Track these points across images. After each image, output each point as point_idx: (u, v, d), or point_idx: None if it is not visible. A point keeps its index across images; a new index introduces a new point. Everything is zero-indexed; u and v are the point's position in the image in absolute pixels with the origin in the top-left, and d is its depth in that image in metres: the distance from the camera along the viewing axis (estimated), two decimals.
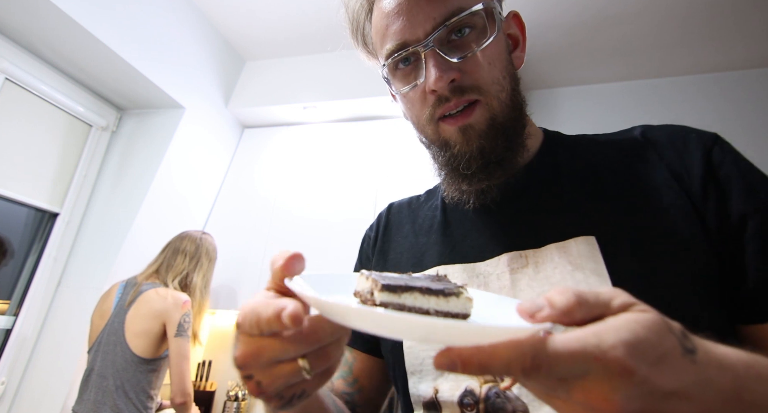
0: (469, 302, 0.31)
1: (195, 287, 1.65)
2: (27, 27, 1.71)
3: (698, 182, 0.44)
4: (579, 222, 0.46)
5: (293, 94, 2.43)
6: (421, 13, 0.46)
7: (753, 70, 2.27)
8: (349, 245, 2.10)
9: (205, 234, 1.78)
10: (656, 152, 0.48)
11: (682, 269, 0.41)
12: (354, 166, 2.31)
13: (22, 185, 1.84)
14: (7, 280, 1.85)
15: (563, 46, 2.28)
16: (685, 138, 0.48)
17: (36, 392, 1.75)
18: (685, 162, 0.46)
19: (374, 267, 0.61)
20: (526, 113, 0.53)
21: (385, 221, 0.66)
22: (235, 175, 2.50)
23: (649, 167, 0.48)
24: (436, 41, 0.46)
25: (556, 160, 0.53)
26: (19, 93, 1.83)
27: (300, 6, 2.18)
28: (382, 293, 0.30)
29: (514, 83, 0.50)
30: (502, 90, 0.48)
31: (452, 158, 0.49)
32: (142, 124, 2.23)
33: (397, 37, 0.48)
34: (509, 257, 0.48)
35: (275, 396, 0.31)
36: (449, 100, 0.47)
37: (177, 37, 2.15)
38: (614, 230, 0.44)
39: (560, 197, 0.49)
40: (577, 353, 0.21)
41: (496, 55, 0.48)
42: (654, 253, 0.42)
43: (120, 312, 1.51)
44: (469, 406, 0.43)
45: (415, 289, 0.30)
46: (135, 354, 1.46)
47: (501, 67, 0.48)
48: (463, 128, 0.47)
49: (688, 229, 0.43)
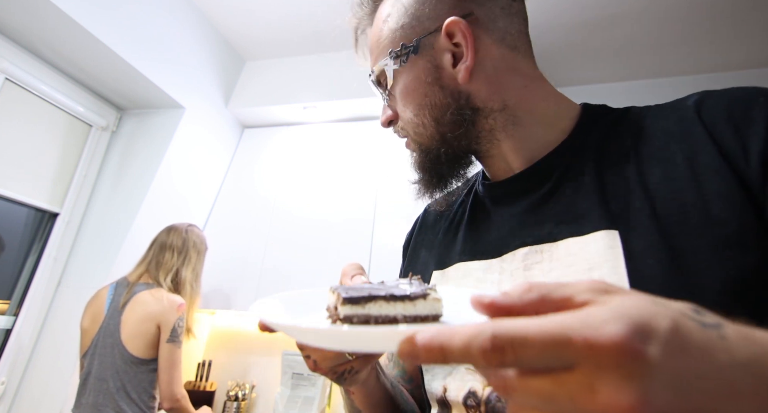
0: (437, 303, 0.31)
1: (185, 282, 1.63)
2: (27, 27, 1.71)
3: (757, 159, 0.36)
4: (602, 214, 0.42)
5: (293, 94, 2.43)
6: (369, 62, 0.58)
7: (753, 70, 2.27)
8: (349, 245, 2.10)
9: (191, 226, 1.76)
10: (705, 127, 0.40)
11: (723, 271, 0.35)
12: (354, 166, 2.31)
13: (22, 185, 1.84)
14: (7, 280, 1.85)
15: (563, 46, 2.28)
16: (748, 105, 0.39)
17: (36, 392, 1.75)
18: (742, 136, 0.38)
19: (406, 268, 0.65)
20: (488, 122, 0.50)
21: (420, 223, 0.68)
22: (235, 175, 2.50)
23: (694, 147, 0.40)
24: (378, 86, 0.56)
25: (585, 143, 0.48)
26: (19, 93, 1.83)
27: (300, 6, 2.18)
28: (344, 307, 0.30)
29: (440, 110, 0.49)
30: (417, 126, 0.52)
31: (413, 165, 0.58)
32: (142, 124, 2.23)
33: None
34: (524, 253, 0.46)
35: (329, 371, 0.40)
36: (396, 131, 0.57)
37: (177, 37, 2.15)
38: (641, 224, 0.39)
39: (583, 185, 0.45)
40: (553, 332, 0.17)
41: (405, 97, 0.52)
42: (688, 253, 0.36)
43: (114, 314, 1.50)
44: (473, 407, 0.43)
45: (379, 298, 0.30)
46: (133, 355, 1.46)
47: (413, 106, 0.51)
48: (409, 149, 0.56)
49: (736, 222, 0.35)
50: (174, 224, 1.74)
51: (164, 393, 1.44)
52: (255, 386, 2.17)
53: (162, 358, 1.46)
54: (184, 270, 1.64)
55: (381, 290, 0.31)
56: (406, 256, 0.66)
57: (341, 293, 0.31)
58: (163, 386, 1.45)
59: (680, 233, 0.37)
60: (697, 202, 0.38)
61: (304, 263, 2.13)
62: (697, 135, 0.41)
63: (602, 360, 0.16)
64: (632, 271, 0.38)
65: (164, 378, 1.45)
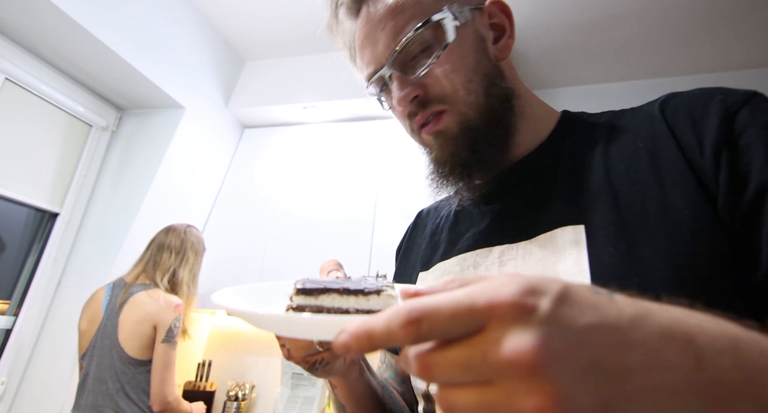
0: (390, 300, 0.31)
1: (182, 283, 1.63)
2: (27, 27, 1.71)
3: (710, 152, 0.38)
4: (570, 211, 0.44)
5: (293, 94, 2.43)
6: (380, 43, 0.50)
7: (753, 70, 2.27)
8: (349, 245, 2.10)
9: (190, 227, 1.76)
10: (668, 124, 0.43)
11: (676, 258, 0.36)
12: (354, 166, 2.31)
13: (22, 185, 1.84)
14: (7, 280, 1.85)
15: (563, 46, 2.28)
16: (706, 103, 0.42)
17: (36, 392, 1.75)
18: (699, 131, 0.40)
19: (397, 271, 0.65)
20: (518, 103, 0.52)
21: (412, 227, 0.70)
22: (235, 175, 2.50)
23: (657, 144, 0.43)
24: (396, 65, 0.49)
25: (560, 146, 0.51)
26: (19, 93, 1.83)
27: (300, 6, 2.18)
28: (298, 297, 0.31)
29: (489, 80, 0.50)
30: (469, 93, 0.49)
31: (432, 162, 0.53)
32: (142, 124, 2.23)
33: (368, 65, 0.53)
34: (500, 251, 0.48)
35: (302, 360, 0.42)
36: (416, 114, 0.51)
37: (177, 37, 2.15)
38: (604, 216, 0.41)
39: (555, 186, 0.48)
40: (459, 299, 0.19)
41: (457, 60, 0.49)
42: (644, 241, 0.38)
43: (111, 314, 1.49)
44: None
45: (332, 290, 0.31)
46: (131, 356, 1.45)
47: (466, 71, 0.49)
48: (435, 134, 0.51)
49: (690, 210, 0.37)
50: (172, 225, 1.74)
51: (155, 394, 1.42)
52: (255, 386, 2.17)
53: (156, 358, 1.45)
54: (182, 271, 1.64)
55: (337, 284, 0.32)
56: (398, 260, 0.68)
57: (297, 284, 0.32)
58: (154, 386, 1.43)
59: (638, 222, 0.39)
60: (656, 193, 0.40)
61: (304, 263, 2.13)
62: (660, 132, 0.44)
63: (503, 317, 0.18)
64: (593, 261, 0.39)
65: (156, 378, 1.43)
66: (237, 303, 0.33)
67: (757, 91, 0.42)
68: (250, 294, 0.38)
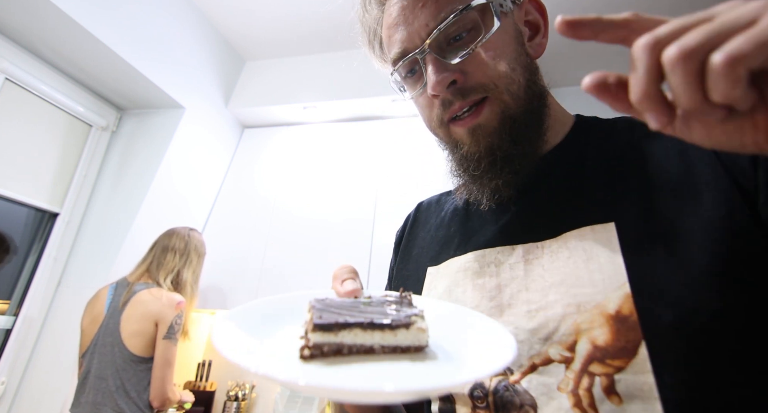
0: (421, 334, 0.28)
1: (186, 284, 1.64)
2: (27, 27, 1.71)
3: (748, 163, 0.38)
4: (599, 208, 0.43)
5: (293, 94, 2.43)
6: (417, 20, 0.47)
7: None
8: (349, 245, 2.10)
9: (193, 230, 1.78)
10: None
11: (720, 257, 0.35)
12: (354, 166, 2.31)
13: (22, 185, 1.84)
14: (7, 280, 1.85)
15: (563, 46, 2.28)
16: None
17: (36, 392, 1.75)
18: None
19: (398, 265, 0.63)
20: (548, 103, 0.51)
21: (412, 219, 0.67)
22: (235, 175, 2.50)
23: (684, 143, 0.41)
24: (433, 46, 0.46)
25: (582, 146, 0.50)
26: (19, 93, 1.83)
27: (300, 6, 2.18)
28: (315, 334, 0.28)
29: (528, 74, 0.48)
30: (512, 82, 0.46)
31: (462, 159, 0.49)
32: (142, 124, 2.23)
33: (399, 45, 0.49)
34: (525, 249, 0.46)
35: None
36: (453, 103, 0.47)
37: (177, 37, 2.15)
38: (637, 215, 0.40)
39: (581, 184, 0.46)
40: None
41: (500, 48, 0.46)
42: (682, 240, 0.37)
43: (114, 313, 1.51)
44: (480, 399, 0.43)
45: (355, 325, 0.28)
46: (133, 353, 1.46)
47: (509, 60, 0.46)
48: (472, 128, 0.47)
49: (726, 208, 0.37)
50: (175, 228, 1.76)
51: (156, 390, 1.44)
52: (255, 386, 2.17)
53: (157, 355, 1.47)
54: (185, 272, 1.66)
55: (359, 314, 0.29)
56: (398, 252, 0.65)
57: (314, 316, 0.28)
58: (156, 383, 1.45)
59: (674, 221, 0.39)
60: (690, 190, 0.39)
61: (304, 263, 2.13)
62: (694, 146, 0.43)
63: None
64: (629, 260, 0.39)
65: (158, 374, 1.45)
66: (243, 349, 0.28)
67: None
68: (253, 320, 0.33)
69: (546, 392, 0.39)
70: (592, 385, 0.37)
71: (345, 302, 0.32)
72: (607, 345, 0.37)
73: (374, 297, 0.35)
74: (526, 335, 0.41)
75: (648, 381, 0.35)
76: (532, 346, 0.41)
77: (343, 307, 0.31)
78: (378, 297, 0.35)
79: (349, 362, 0.28)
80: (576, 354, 0.38)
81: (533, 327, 0.41)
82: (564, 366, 0.39)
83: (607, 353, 0.37)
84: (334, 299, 0.33)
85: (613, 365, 0.36)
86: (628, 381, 0.35)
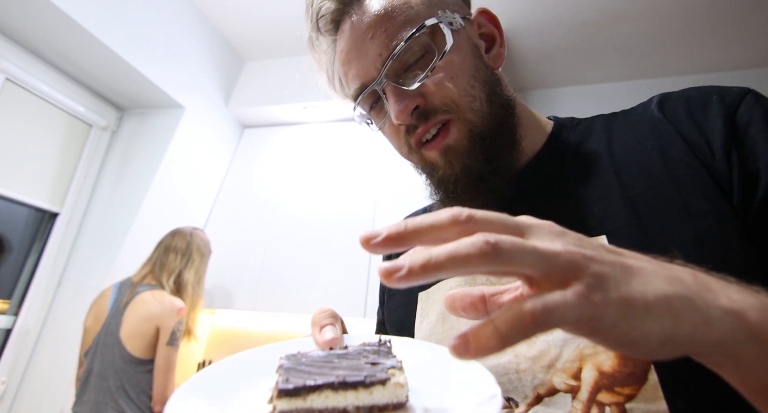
0: (400, 389, 0.26)
1: (187, 284, 1.64)
2: (27, 27, 1.71)
3: (720, 152, 0.38)
4: (586, 220, 0.42)
5: (293, 95, 2.43)
6: (369, 52, 0.46)
7: (753, 70, 2.27)
8: (349, 246, 2.10)
9: (196, 229, 1.78)
10: (673, 126, 0.42)
11: (711, 262, 0.35)
12: (354, 166, 2.31)
13: (22, 185, 1.84)
14: (8, 280, 1.85)
15: (563, 46, 2.28)
16: (705, 104, 0.42)
17: (36, 392, 1.75)
18: (705, 132, 0.40)
19: (388, 290, 0.60)
20: (516, 112, 0.50)
21: None
22: (235, 175, 2.50)
23: (664, 144, 0.42)
24: (390, 75, 0.46)
25: (560, 155, 0.49)
26: (19, 93, 1.83)
27: (300, 6, 2.18)
28: (281, 401, 0.26)
29: (490, 87, 0.48)
30: (473, 100, 0.46)
31: (440, 182, 0.48)
32: (142, 124, 2.23)
33: (356, 81, 0.48)
34: None
35: None
36: (417, 127, 0.46)
37: (177, 37, 2.15)
38: (624, 224, 0.39)
39: (566, 196, 0.45)
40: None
41: (457, 66, 0.46)
42: (667, 246, 0.36)
43: (116, 313, 1.51)
44: None
45: (325, 387, 0.26)
46: (132, 354, 1.46)
47: (467, 77, 0.46)
48: (443, 150, 0.47)
49: (713, 214, 0.36)
50: (179, 228, 1.76)
51: (158, 395, 1.45)
52: None
53: (159, 360, 1.47)
54: (187, 272, 1.66)
55: (330, 372, 0.27)
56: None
57: (281, 380, 0.26)
58: (158, 388, 1.46)
59: (663, 230, 0.38)
60: (676, 197, 0.39)
61: (303, 264, 2.13)
62: (666, 132, 0.43)
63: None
64: None
65: (160, 380, 1.46)
66: None
67: (750, 88, 0.42)
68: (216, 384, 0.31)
69: None
70: None
71: (318, 356, 0.30)
72: (614, 371, 0.35)
73: (351, 348, 0.33)
74: (528, 363, 0.39)
75: (661, 408, 0.33)
76: (536, 375, 0.38)
77: (315, 364, 0.29)
78: (355, 347, 0.33)
79: None
80: (582, 382, 0.36)
81: (534, 354, 0.39)
82: (570, 396, 0.36)
83: (615, 380, 0.35)
84: (307, 353, 0.31)
85: (623, 393, 0.34)
86: (641, 409, 0.33)
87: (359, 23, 0.47)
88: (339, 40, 0.50)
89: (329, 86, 0.58)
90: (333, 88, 0.57)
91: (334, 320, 0.39)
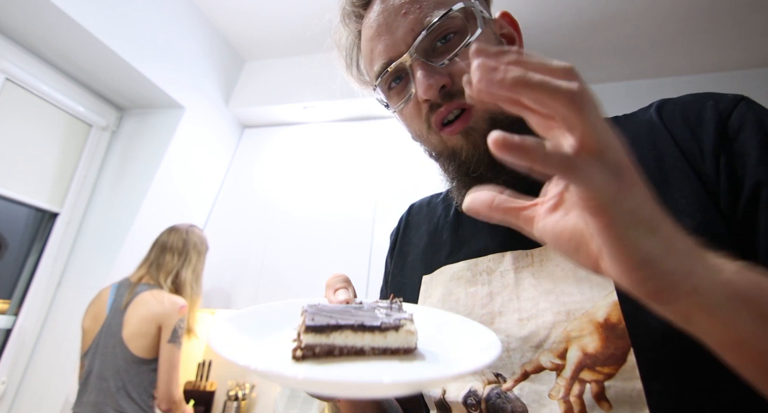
0: (410, 336, 0.29)
1: (185, 283, 1.64)
2: (27, 27, 1.71)
3: (710, 157, 0.40)
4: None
5: (293, 94, 2.43)
6: (400, 28, 0.47)
7: (753, 70, 2.27)
8: (349, 246, 2.11)
9: (192, 226, 1.77)
10: (668, 130, 0.44)
11: None
12: (354, 166, 2.31)
13: (22, 185, 1.84)
14: (8, 280, 1.85)
15: (563, 46, 2.28)
16: (700, 109, 0.43)
17: (36, 392, 1.75)
18: (697, 137, 0.41)
19: (393, 270, 0.63)
20: None
21: (404, 223, 0.67)
22: (235, 175, 2.50)
23: (661, 149, 0.43)
24: (420, 51, 0.46)
25: None
26: (19, 93, 1.83)
27: (300, 6, 2.18)
28: (307, 335, 0.29)
29: None
30: None
31: (462, 165, 0.49)
32: (142, 124, 2.23)
33: (383, 56, 0.49)
34: (514, 257, 0.47)
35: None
36: (440, 106, 0.47)
37: (177, 37, 2.15)
38: None
39: None
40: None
41: None
42: None
43: (116, 313, 1.50)
44: (473, 406, 0.44)
45: (346, 327, 0.29)
46: (135, 354, 1.46)
47: None
48: (465, 132, 0.47)
49: (700, 215, 0.38)
50: (175, 225, 1.75)
51: (163, 394, 1.45)
52: (255, 386, 2.17)
53: (162, 358, 1.47)
54: (185, 271, 1.65)
55: (350, 318, 0.30)
56: (392, 257, 0.65)
57: (307, 319, 0.29)
58: (162, 386, 1.45)
59: None
60: (667, 197, 0.40)
61: (303, 263, 2.13)
62: (662, 138, 0.44)
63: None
64: None
65: (164, 378, 1.46)
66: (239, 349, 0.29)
67: (744, 95, 0.44)
68: (249, 323, 0.35)
69: (537, 399, 0.40)
70: (582, 392, 0.38)
71: (337, 307, 0.33)
72: (596, 352, 0.38)
73: (365, 303, 0.36)
74: (517, 343, 0.42)
75: (636, 387, 0.35)
76: (524, 354, 0.42)
77: (335, 311, 0.32)
78: (369, 303, 0.36)
79: (340, 362, 0.29)
80: (567, 362, 0.39)
81: (524, 335, 0.42)
82: (555, 373, 0.40)
83: (597, 360, 0.38)
84: (326, 305, 0.34)
85: (603, 372, 0.37)
86: (618, 387, 0.36)
87: (392, 2, 0.48)
88: (366, 18, 0.51)
89: (347, 72, 0.59)
90: (350, 73, 0.58)
91: (347, 283, 0.40)
